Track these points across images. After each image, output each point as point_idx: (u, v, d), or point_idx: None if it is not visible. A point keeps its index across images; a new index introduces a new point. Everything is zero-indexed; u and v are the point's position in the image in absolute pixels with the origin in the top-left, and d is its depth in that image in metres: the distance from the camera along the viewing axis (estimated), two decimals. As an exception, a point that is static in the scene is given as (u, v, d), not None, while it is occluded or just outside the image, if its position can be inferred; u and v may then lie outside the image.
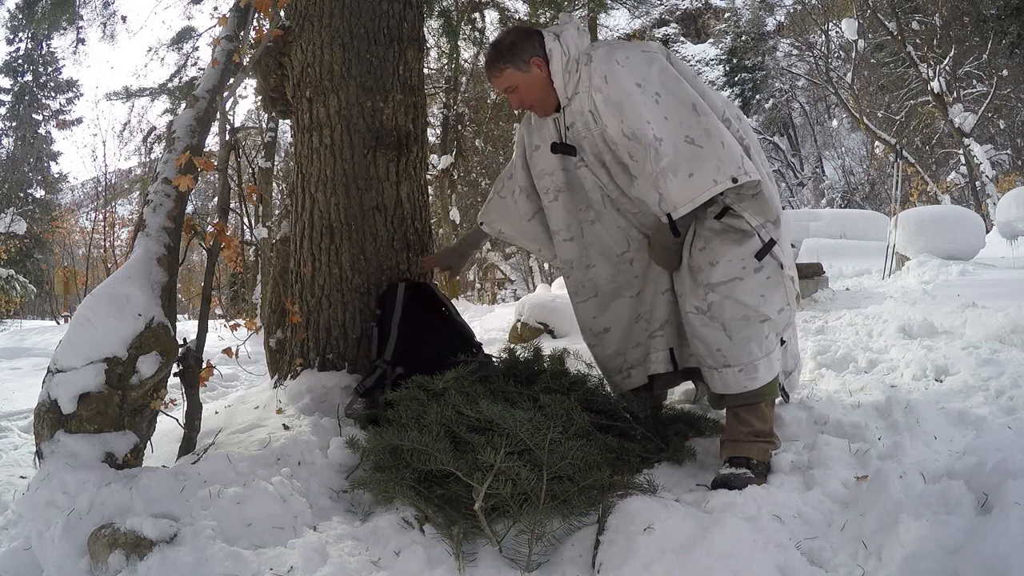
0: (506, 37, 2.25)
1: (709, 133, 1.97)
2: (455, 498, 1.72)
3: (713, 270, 2.00)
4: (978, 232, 7.90)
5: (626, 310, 2.32)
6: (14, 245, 19.62)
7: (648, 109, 2.00)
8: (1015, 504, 1.33)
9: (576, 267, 2.38)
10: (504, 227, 2.55)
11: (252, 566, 1.52)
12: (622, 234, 2.30)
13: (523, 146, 2.45)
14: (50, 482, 1.72)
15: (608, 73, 2.05)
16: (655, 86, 2.03)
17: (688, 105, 2.01)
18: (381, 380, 2.50)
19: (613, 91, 2.04)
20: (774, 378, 2.06)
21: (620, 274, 2.32)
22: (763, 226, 2.03)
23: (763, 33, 28.22)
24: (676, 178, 1.96)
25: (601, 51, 2.11)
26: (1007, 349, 3.05)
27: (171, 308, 2.10)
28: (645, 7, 8.89)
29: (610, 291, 2.34)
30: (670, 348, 2.24)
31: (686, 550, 1.40)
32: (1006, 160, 19.45)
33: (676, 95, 2.03)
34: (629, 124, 2.03)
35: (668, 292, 2.22)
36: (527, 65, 2.17)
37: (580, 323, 2.45)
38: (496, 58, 2.21)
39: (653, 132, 1.98)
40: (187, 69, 9.24)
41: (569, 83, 2.17)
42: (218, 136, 2.45)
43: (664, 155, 1.97)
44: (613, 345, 2.36)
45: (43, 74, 27.75)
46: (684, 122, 1.99)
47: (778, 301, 2.05)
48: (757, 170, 2.00)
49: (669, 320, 2.24)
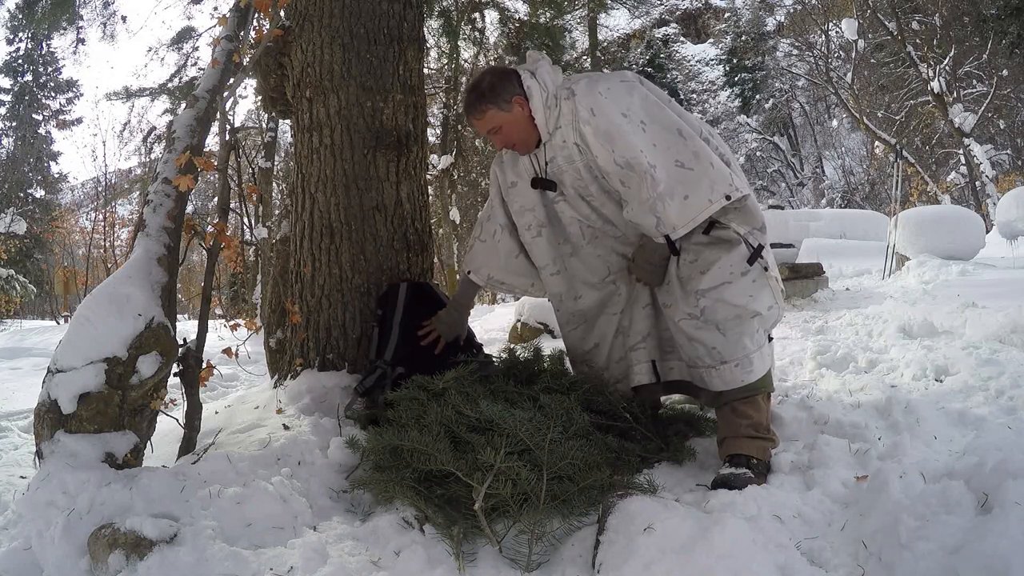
0: (483, 79, 2.25)
1: (697, 156, 2.04)
2: (455, 498, 1.72)
3: (703, 277, 2.05)
4: (978, 232, 7.91)
5: (611, 326, 2.37)
6: (14, 245, 19.63)
7: (637, 137, 2.06)
8: (1015, 504, 1.33)
9: (565, 299, 2.43)
10: (492, 271, 2.52)
11: (252, 566, 1.52)
12: (601, 262, 2.35)
13: (498, 185, 2.47)
14: (50, 482, 1.72)
15: (594, 105, 2.09)
16: (639, 114, 2.08)
17: (673, 131, 2.08)
18: (381, 380, 2.51)
19: (602, 122, 2.08)
20: (767, 371, 2.10)
21: (606, 296, 2.37)
22: (751, 233, 2.09)
23: (763, 33, 28.24)
24: (673, 201, 2.02)
25: (582, 84, 2.15)
26: (1007, 349, 3.05)
27: (171, 308, 2.10)
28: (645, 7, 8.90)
29: (595, 312, 2.39)
30: (652, 360, 2.28)
31: (686, 550, 1.40)
32: (1006, 160, 19.46)
33: (660, 122, 2.09)
34: (621, 153, 2.07)
35: (649, 307, 2.27)
36: (509, 104, 2.19)
37: (569, 347, 2.49)
38: (477, 100, 2.22)
39: (647, 159, 2.04)
40: (187, 69, 9.25)
41: (550, 119, 2.20)
42: (218, 136, 2.45)
43: (659, 181, 2.03)
44: (599, 361, 2.39)
45: (43, 74, 27.78)
46: (672, 147, 2.06)
47: (766, 299, 2.11)
48: (744, 184, 2.08)
49: (651, 333, 2.28)
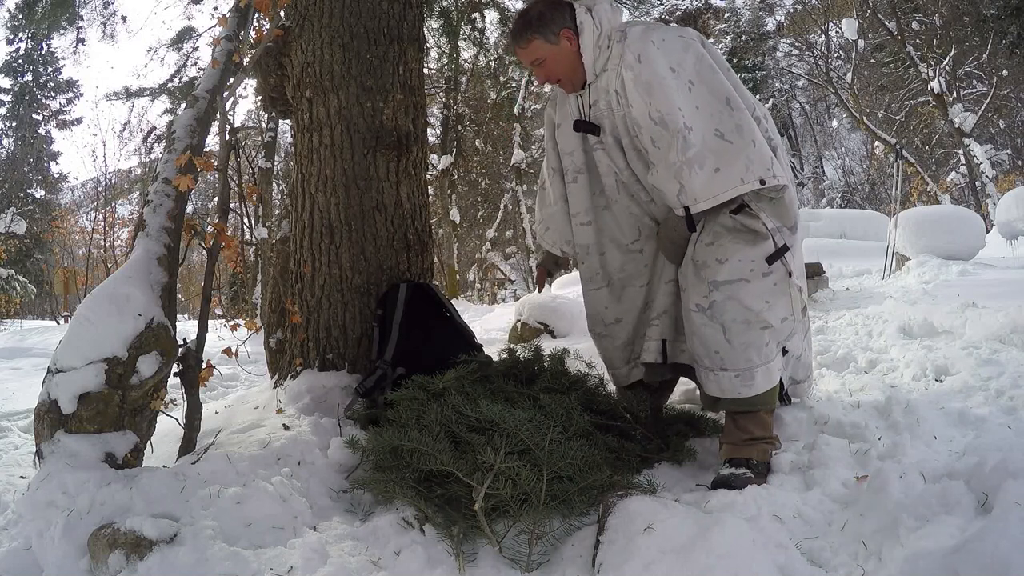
0: (535, 7, 2.12)
1: (740, 129, 1.91)
2: (455, 498, 1.72)
3: (720, 268, 1.95)
4: (978, 232, 7.90)
5: (638, 300, 2.26)
6: (14, 245, 19.62)
7: (680, 95, 1.93)
8: (1015, 504, 1.33)
9: (592, 252, 2.31)
10: (544, 215, 2.46)
11: (252, 566, 1.52)
12: (633, 221, 2.23)
13: (551, 124, 2.36)
14: (50, 482, 1.72)
15: (642, 52, 1.97)
16: (689, 73, 1.96)
17: (722, 98, 1.95)
18: (382, 380, 2.51)
19: (645, 71, 1.96)
20: (773, 388, 2.02)
21: (630, 263, 2.26)
22: (779, 230, 1.97)
23: (763, 33, 28.21)
24: (701, 171, 1.90)
25: (637, 29, 2.03)
26: (1007, 349, 3.04)
27: (171, 308, 2.10)
28: (645, 7, 8.88)
29: (620, 280, 2.28)
30: (663, 339, 2.18)
31: (686, 550, 1.40)
32: (1006, 160, 19.44)
33: (710, 85, 1.96)
34: (658, 107, 1.94)
35: (672, 283, 2.16)
36: (556, 37, 2.07)
37: (590, 312, 2.37)
38: (524, 28, 2.10)
39: (683, 120, 1.91)
40: (187, 69, 9.27)
41: (599, 59, 2.07)
42: (218, 136, 2.45)
43: (692, 145, 1.90)
44: (623, 336, 2.30)
45: (43, 74, 27.76)
46: (715, 114, 1.93)
47: (782, 310, 2.00)
48: (785, 174, 1.95)
49: (667, 311, 2.17)
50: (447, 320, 2.74)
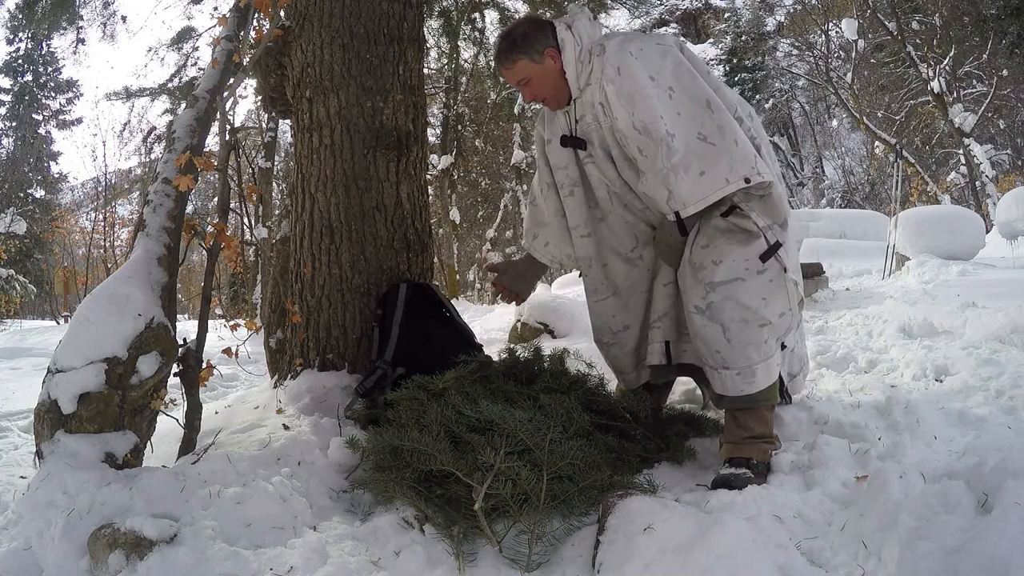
0: (518, 28, 2.18)
1: (722, 130, 1.94)
2: (455, 498, 1.72)
3: (716, 269, 1.97)
4: (978, 232, 7.90)
5: (644, 306, 2.29)
6: (14, 245, 19.63)
7: (661, 103, 1.96)
8: (1015, 504, 1.33)
9: (594, 264, 2.33)
10: (538, 230, 2.47)
11: (252, 566, 1.52)
12: (629, 229, 2.27)
13: (541, 141, 2.39)
14: (50, 482, 1.72)
15: (621, 64, 2.00)
16: (668, 80, 1.99)
17: (702, 101, 1.97)
18: (382, 380, 2.51)
19: (626, 83, 1.99)
20: (773, 383, 2.04)
21: (633, 270, 2.29)
22: (770, 228, 1.99)
23: (763, 33, 28.20)
24: (687, 175, 1.93)
25: (615, 42, 2.06)
26: (1007, 349, 3.05)
27: (171, 308, 2.10)
28: (645, 7, 8.87)
29: (627, 288, 2.30)
30: (666, 341, 2.21)
31: (686, 550, 1.40)
32: (1006, 160, 19.44)
33: (689, 90, 1.99)
34: (640, 117, 1.98)
35: (671, 285, 2.19)
36: (541, 56, 2.11)
37: (596, 322, 2.39)
38: (509, 49, 2.14)
39: (666, 127, 1.94)
40: (187, 69, 9.25)
41: (581, 74, 2.11)
42: (218, 136, 2.45)
43: (676, 151, 1.93)
44: (632, 342, 2.32)
45: (43, 74, 27.78)
46: (697, 119, 1.96)
47: (779, 305, 2.02)
48: (769, 171, 1.97)
49: (667, 313, 2.21)
50: (447, 320, 2.74)
